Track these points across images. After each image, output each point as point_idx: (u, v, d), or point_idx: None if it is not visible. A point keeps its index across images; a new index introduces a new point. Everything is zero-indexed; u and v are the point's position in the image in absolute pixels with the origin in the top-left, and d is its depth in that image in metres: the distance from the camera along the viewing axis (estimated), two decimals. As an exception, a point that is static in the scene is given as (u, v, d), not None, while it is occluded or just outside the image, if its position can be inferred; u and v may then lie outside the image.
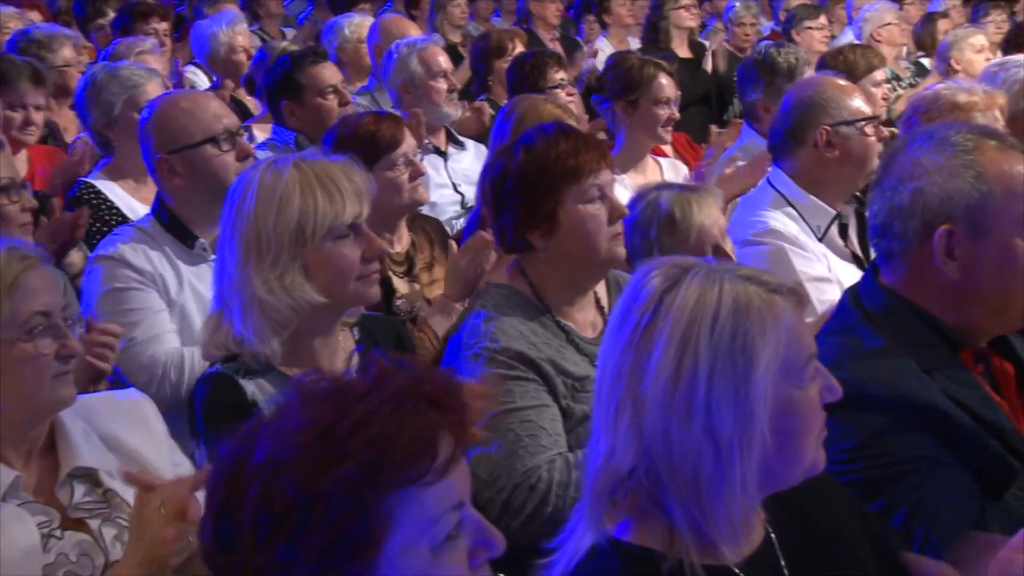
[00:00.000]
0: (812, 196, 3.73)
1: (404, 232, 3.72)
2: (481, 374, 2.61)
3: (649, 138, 4.69)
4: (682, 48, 7.51)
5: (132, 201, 4.04)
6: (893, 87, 6.13)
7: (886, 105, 5.38)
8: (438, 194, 4.72)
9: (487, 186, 2.85)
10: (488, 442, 2.53)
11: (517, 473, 2.60)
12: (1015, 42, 6.41)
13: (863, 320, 2.24)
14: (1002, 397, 2.24)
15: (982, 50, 6.30)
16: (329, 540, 1.33)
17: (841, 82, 3.91)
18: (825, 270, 3.63)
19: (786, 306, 1.68)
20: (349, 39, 6.31)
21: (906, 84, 6.86)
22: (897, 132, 3.96)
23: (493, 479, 2.58)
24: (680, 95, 4.76)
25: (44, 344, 2.11)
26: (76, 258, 3.70)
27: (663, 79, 4.65)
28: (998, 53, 6.28)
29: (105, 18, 7.09)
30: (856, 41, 6.81)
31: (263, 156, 3.45)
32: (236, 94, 6.09)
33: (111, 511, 2.19)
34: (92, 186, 4.06)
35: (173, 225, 3.26)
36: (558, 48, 7.29)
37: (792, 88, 4.03)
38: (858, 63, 5.22)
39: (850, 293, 2.33)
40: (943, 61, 6.37)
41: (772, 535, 1.77)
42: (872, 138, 3.73)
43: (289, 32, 8.47)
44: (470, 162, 4.96)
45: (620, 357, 1.67)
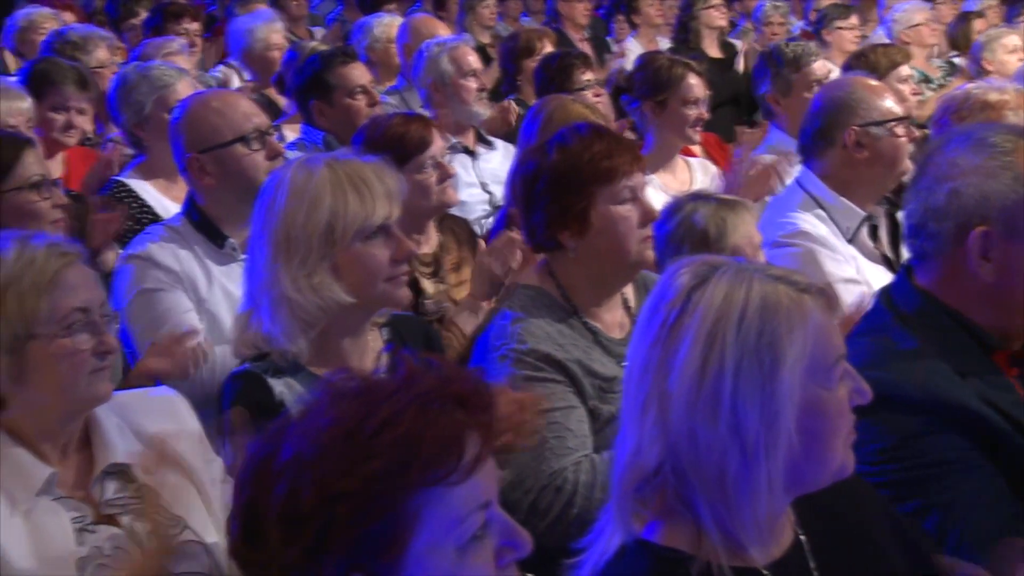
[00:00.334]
0: (842, 197, 3.70)
1: (432, 233, 3.72)
2: (508, 376, 2.62)
3: (678, 138, 4.67)
4: (712, 48, 7.49)
5: (164, 200, 4.07)
6: (922, 89, 6.08)
7: (917, 102, 5.33)
8: (467, 193, 4.73)
9: (519, 184, 2.85)
10: (529, 448, 2.53)
11: (543, 475, 2.60)
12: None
13: (896, 321, 2.22)
14: (1036, 400, 2.22)
15: (1015, 51, 6.23)
16: (354, 539, 1.34)
17: (872, 82, 3.87)
18: (854, 272, 3.60)
19: (815, 306, 1.66)
20: (379, 39, 6.33)
21: (936, 85, 6.80)
22: (928, 133, 3.93)
23: (520, 481, 2.58)
24: (710, 95, 4.75)
25: (82, 340, 2.12)
26: (110, 256, 3.73)
27: (692, 79, 4.63)
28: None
29: (137, 18, 7.14)
30: (886, 41, 6.76)
31: (292, 156, 3.46)
32: (267, 93, 6.12)
33: (144, 507, 2.20)
34: (124, 184, 4.10)
35: (203, 224, 3.28)
36: (587, 48, 7.28)
37: (822, 88, 4.01)
38: (880, 62, 5.18)
39: (883, 294, 2.31)
40: (975, 62, 6.31)
41: (802, 537, 1.76)
42: (903, 139, 3.69)
43: (317, 32, 8.49)
44: (499, 162, 4.96)
45: (647, 353, 1.67)
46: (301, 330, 2.49)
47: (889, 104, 3.74)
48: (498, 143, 5.16)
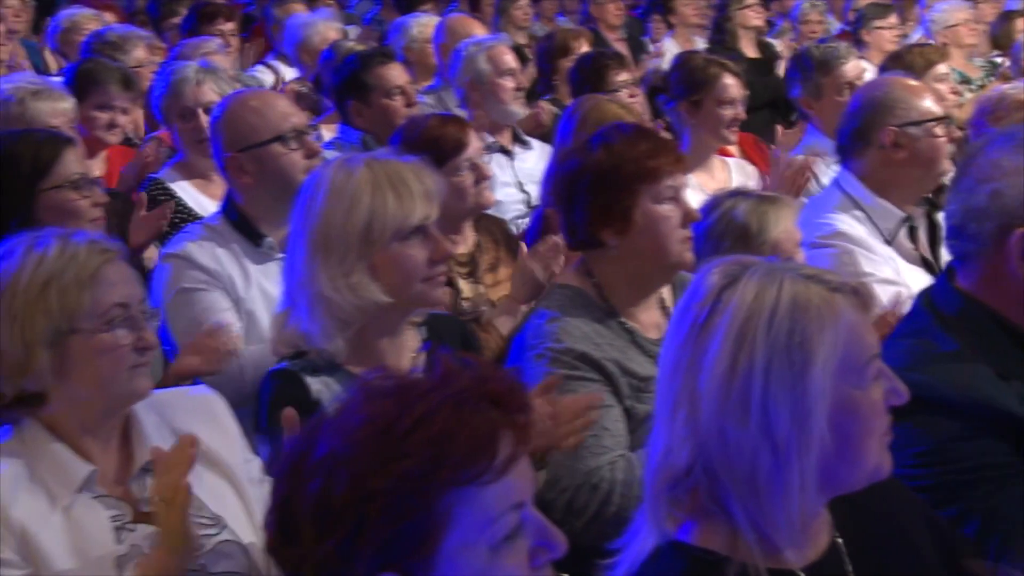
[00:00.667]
0: (880, 198, 3.66)
1: (469, 233, 3.73)
2: (544, 374, 2.62)
3: (713, 138, 4.65)
4: (750, 48, 7.44)
5: (201, 198, 4.10)
6: (961, 90, 6.01)
7: (956, 101, 5.28)
8: (503, 193, 4.73)
9: (559, 182, 2.85)
10: (572, 451, 2.53)
11: (579, 473, 2.60)
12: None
13: (937, 323, 2.19)
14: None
15: (1057, 50, 6.18)
16: (387, 536, 1.34)
17: (911, 82, 3.83)
18: (893, 273, 3.57)
19: (846, 305, 1.65)
20: (416, 39, 6.34)
21: (976, 86, 6.73)
22: (967, 133, 3.89)
23: (556, 480, 2.57)
24: (747, 95, 4.72)
25: (122, 335, 2.14)
26: (150, 254, 3.77)
27: (727, 79, 4.61)
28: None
29: (178, 18, 7.20)
30: (924, 40, 6.70)
31: (329, 155, 3.48)
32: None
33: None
34: (161, 183, 4.13)
35: (242, 223, 3.30)
36: (623, 48, 7.26)
37: (860, 88, 3.97)
38: (916, 62, 5.12)
39: (924, 296, 2.29)
40: (1016, 62, 6.25)
41: (838, 540, 1.75)
42: (941, 139, 3.64)
43: (351, 31, 8.52)
44: (535, 161, 4.96)
45: (677, 353, 1.67)
46: (338, 329, 2.49)
47: (928, 104, 3.69)
48: (535, 143, 5.16)
